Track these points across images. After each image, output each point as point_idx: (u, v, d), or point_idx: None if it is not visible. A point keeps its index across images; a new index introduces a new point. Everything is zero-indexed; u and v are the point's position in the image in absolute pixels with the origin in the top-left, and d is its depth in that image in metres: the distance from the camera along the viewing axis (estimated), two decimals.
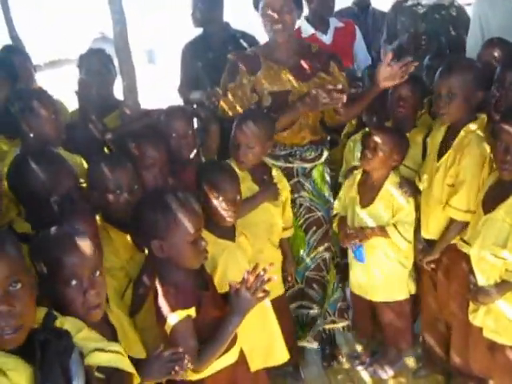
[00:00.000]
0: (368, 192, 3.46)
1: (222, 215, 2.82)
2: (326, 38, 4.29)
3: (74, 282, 1.87)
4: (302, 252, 3.61)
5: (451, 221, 3.12)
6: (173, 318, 2.27)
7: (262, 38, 3.67)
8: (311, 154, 3.56)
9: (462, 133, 3.04)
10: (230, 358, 2.49)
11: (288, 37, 3.35)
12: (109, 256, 2.49)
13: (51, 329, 1.68)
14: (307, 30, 4.26)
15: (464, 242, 3.09)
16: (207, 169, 3.00)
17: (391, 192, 3.38)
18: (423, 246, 3.34)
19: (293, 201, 3.54)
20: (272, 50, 3.45)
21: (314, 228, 3.59)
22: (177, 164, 3.17)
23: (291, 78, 3.41)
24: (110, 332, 2.02)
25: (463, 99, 3.00)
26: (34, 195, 2.40)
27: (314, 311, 3.64)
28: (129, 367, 1.85)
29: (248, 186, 3.20)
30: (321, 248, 3.61)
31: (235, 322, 2.35)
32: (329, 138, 3.79)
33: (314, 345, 3.71)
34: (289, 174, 3.53)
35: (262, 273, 2.32)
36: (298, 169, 3.55)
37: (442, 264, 3.29)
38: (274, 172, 3.40)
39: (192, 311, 2.30)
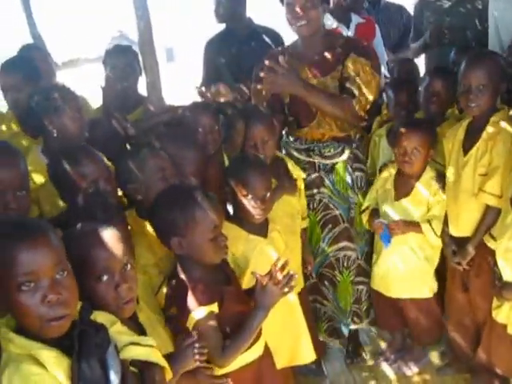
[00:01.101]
0: (404, 186, 3.44)
1: (251, 212, 2.81)
2: (348, 33, 4.26)
3: (105, 277, 1.85)
4: (316, 248, 3.60)
5: (485, 210, 3.09)
6: (195, 315, 2.27)
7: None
8: (330, 150, 3.53)
9: (490, 124, 3.05)
10: (254, 352, 2.48)
11: (313, 32, 3.34)
12: (143, 252, 2.47)
13: (88, 322, 1.68)
14: (331, 23, 4.23)
15: (491, 237, 3.06)
16: (237, 164, 2.97)
17: (427, 187, 3.36)
18: (456, 248, 3.30)
19: (312, 195, 3.54)
20: (297, 46, 3.46)
21: (330, 226, 3.57)
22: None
23: (310, 75, 3.41)
24: (138, 331, 1.99)
25: (493, 91, 3.03)
26: (77, 189, 2.41)
27: (327, 308, 3.64)
28: (162, 361, 1.85)
29: None
30: (335, 247, 3.58)
31: (260, 317, 2.35)
32: (358, 136, 3.72)
33: (330, 342, 3.72)
34: (311, 168, 3.53)
35: (291, 271, 2.32)
36: (320, 164, 3.54)
37: (472, 261, 3.25)
38: (288, 161, 3.42)
39: (214, 307, 2.30)
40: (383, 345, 3.96)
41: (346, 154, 3.55)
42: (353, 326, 3.74)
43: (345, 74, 3.39)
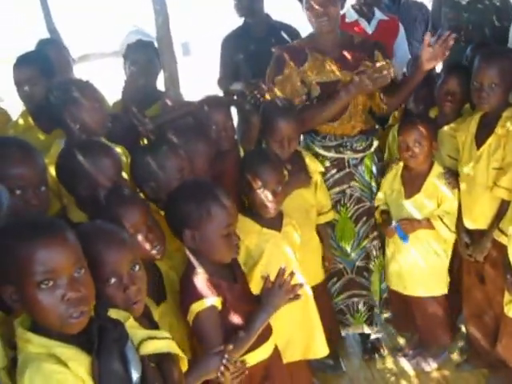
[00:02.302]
0: (412, 183, 3.43)
1: (264, 205, 2.81)
2: (369, 28, 4.25)
3: (113, 280, 1.85)
4: (350, 243, 3.60)
5: (500, 204, 3.10)
6: (196, 307, 2.25)
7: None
8: (362, 144, 3.55)
9: (502, 119, 3.07)
10: (264, 352, 2.47)
11: (333, 28, 3.35)
12: None
13: (105, 317, 1.69)
14: (351, 15, 4.23)
15: (501, 232, 3.05)
16: (251, 158, 2.99)
17: (436, 182, 3.36)
18: (469, 241, 3.30)
19: (343, 191, 3.55)
20: (316, 41, 3.45)
21: (364, 218, 3.60)
22: (215, 156, 3.14)
23: (336, 68, 3.41)
24: (151, 327, 1.97)
25: (505, 89, 3.05)
26: (83, 185, 2.41)
27: (367, 298, 3.66)
28: (181, 353, 1.86)
29: None
30: (369, 238, 3.62)
31: (263, 318, 2.34)
32: (377, 127, 3.77)
33: (375, 331, 3.74)
34: (340, 164, 3.54)
35: (301, 281, 2.35)
36: (350, 159, 3.54)
37: (488, 255, 3.24)
38: (305, 153, 3.42)
39: (217, 302, 2.28)
40: (401, 341, 3.95)
41: (375, 145, 3.61)
42: (383, 315, 3.80)
43: None
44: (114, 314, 1.75)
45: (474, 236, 3.30)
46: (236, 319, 2.34)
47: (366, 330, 3.72)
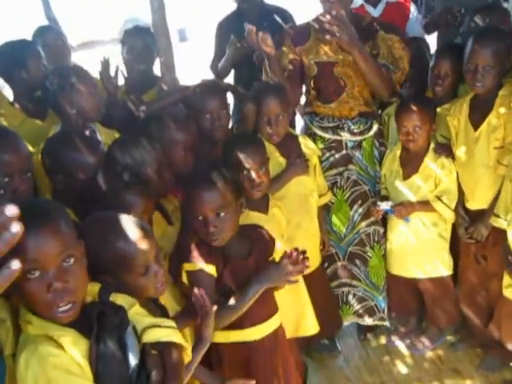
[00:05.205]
0: (411, 164, 3.44)
1: (249, 187, 2.79)
2: (374, 12, 4.21)
3: (144, 270, 1.90)
4: (344, 227, 3.60)
5: (503, 183, 3.09)
6: (187, 266, 2.35)
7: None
8: (360, 127, 3.54)
9: (499, 98, 3.09)
10: (272, 325, 2.53)
11: (344, 9, 3.31)
12: None
13: (107, 303, 1.70)
14: (357, 0, 4.21)
15: (497, 216, 3.09)
16: (232, 141, 2.98)
17: (433, 161, 3.37)
18: (468, 224, 3.33)
19: (340, 174, 3.55)
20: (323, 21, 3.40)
21: (360, 202, 3.58)
22: (208, 143, 3.16)
23: (336, 49, 3.40)
24: (159, 313, 2.01)
25: (499, 70, 3.06)
26: (62, 174, 2.48)
27: (357, 289, 3.64)
28: (183, 342, 1.85)
29: (276, 161, 3.18)
30: (364, 223, 3.59)
31: (255, 288, 2.35)
32: (379, 111, 3.77)
33: (361, 322, 3.73)
34: (337, 146, 3.54)
35: (307, 262, 2.34)
36: (347, 142, 3.54)
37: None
38: (301, 139, 3.40)
39: (210, 269, 2.35)
40: (397, 323, 3.95)
41: (374, 130, 3.59)
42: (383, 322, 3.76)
43: (373, 51, 3.41)
44: (120, 299, 1.76)
45: (473, 217, 3.31)
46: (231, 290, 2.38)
47: (360, 321, 3.73)
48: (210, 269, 2.35)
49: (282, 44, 3.48)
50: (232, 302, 2.35)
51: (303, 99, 3.76)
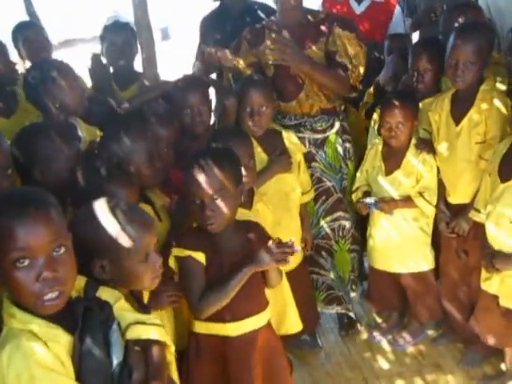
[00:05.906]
0: (393, 159, 3.46)
1: None
2: (358, 8, 4.23)
3: (147, 258, 1.90)
4: (312, 220, 3.63)
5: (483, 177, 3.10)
6: (175, 251, 2.38)
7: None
8: (322, 124, 3.57)
9: (480, 93, 3.12)
10: (261, 320, 2.53)
11: (295, 5, 3.39)
12: None
13: (93, 298, 1.68)
14: None
15: (476, 211, 3.10)
16: (219, 134, 2.97)
17: (415, 156, 3.39)
18: (449, 219, 3.34)
19: None
20: (278, 19, 3.52)
21: (324, 198, 3.61)
22: (188, 138, 3.16)
23: None
24: (141, 310, 1.98)
25: (480, 65, 3.09)
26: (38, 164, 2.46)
27: (325, 278, 3.68)
28: (168, 340, 1.83)
29: (258, 157, 3.14)
30: (328, 218, 3.64)
31: (243, 272, 2.35)
32: (343, 107, 3.78)
33: (330, 310, 3.76)
34: (301, 143, 3.52)
35: (297, 247, 2.36)
36: (310, 139, 3.56)
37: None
38: (285, 134, 3.40)
39: (199, 255, 2.37)
40: (378, 318, 3.99)
41: (337, 127, 3.62)
42: (352, 294, 3.82)
43: (331, 48, 3.45)
44: (106, 293, 1.75)
45: (455, 211, 3.33)
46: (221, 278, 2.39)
47: (329, 309, 3.76)
48: (199, 256, 2.37)
49: (239, 48, 3.54)
50: (220, 285, 2.35)
51: None
